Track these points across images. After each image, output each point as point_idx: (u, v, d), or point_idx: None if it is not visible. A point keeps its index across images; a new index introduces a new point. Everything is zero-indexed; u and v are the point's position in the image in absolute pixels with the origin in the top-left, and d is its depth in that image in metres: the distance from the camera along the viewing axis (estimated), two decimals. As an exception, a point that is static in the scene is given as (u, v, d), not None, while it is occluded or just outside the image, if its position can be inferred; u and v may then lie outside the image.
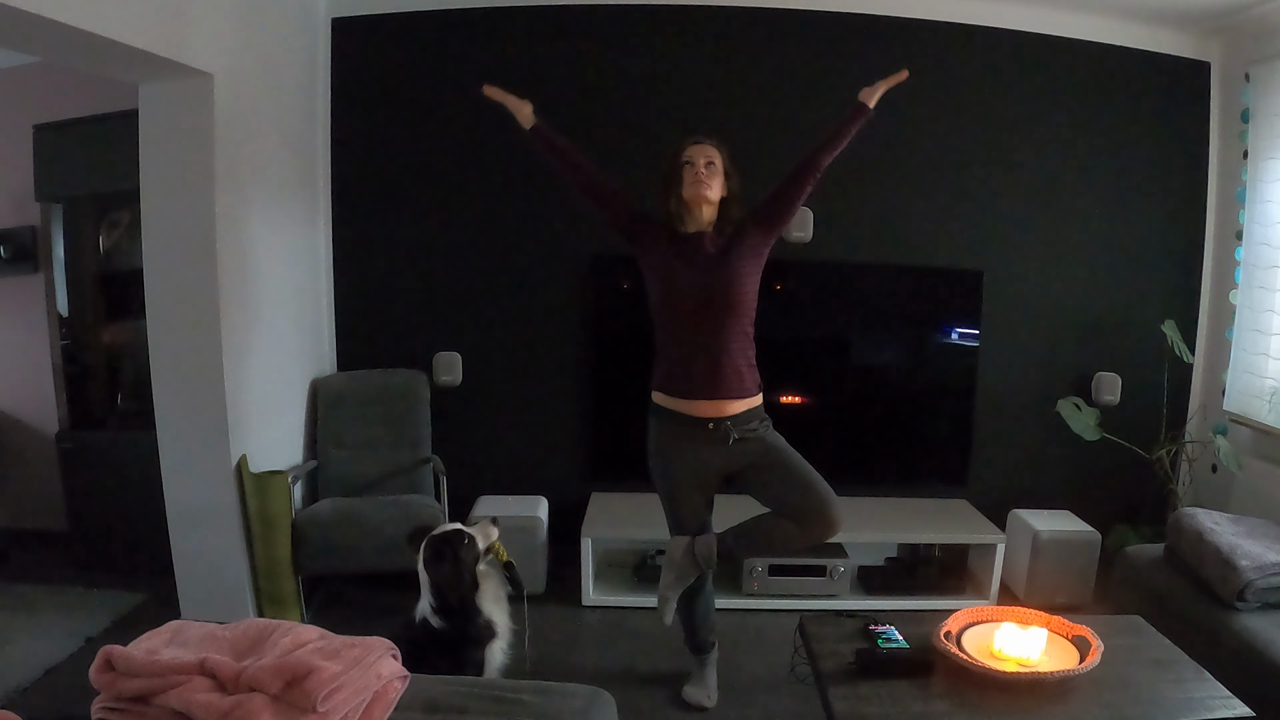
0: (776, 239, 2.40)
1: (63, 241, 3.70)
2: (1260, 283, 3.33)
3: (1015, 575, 3.42)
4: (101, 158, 3.42)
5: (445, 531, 2.30)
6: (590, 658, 2.94)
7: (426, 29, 3.53)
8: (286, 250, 3.33)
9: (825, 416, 3.64)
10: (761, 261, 2.37)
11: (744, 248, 2.32)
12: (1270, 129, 3.28)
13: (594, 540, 3.31)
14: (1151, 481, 3.56)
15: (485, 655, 2.27)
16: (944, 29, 3.50)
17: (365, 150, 3.61)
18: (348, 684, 1.61)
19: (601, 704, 1.81)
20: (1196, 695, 1.88)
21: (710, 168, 2.31)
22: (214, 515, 2.92)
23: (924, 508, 3.55)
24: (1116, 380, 3.62)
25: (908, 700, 1.86)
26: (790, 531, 2.31)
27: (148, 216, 2.82)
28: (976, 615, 2.15)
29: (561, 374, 3.68)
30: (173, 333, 2.85)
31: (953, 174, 3.58)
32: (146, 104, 2.76)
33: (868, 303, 3.70)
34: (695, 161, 2.31)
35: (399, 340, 3.68)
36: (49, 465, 3.74)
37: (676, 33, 3.50)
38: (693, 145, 2.35)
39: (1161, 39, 3.54)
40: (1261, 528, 2.68)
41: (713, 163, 2.32)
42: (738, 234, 2.35)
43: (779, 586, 3.30)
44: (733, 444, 2.34)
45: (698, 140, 2.37)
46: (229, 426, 2.87)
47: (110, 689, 1.60)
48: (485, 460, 3.70)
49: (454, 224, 3.63)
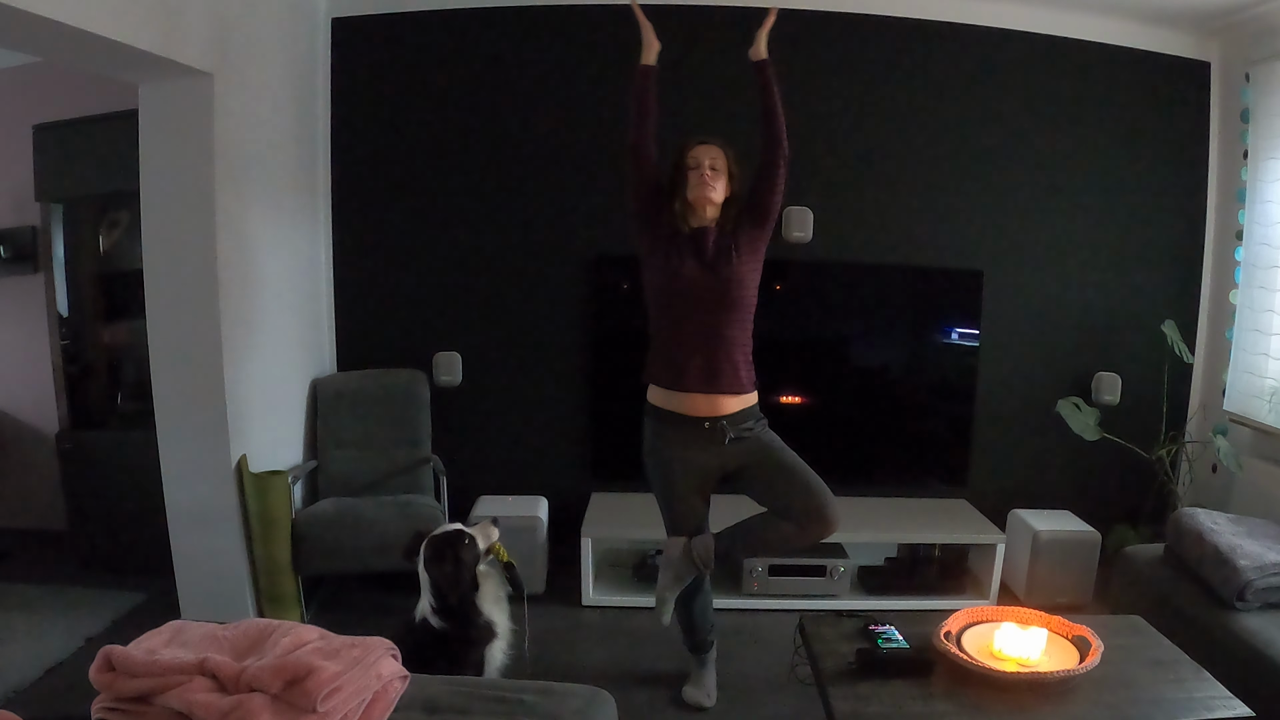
0: (772, 230, 2.39)
1: (63, 241, 3.70)
2: (1260, 283, 3.33)
3: (1015, 575, 3.42)
4: (101, 158, 3.42)
5: (446, 532, 2.30)
6: (590, 658, 2.94)
7: (426, 29, 3.53)
8: (286, 250, 3.33)
9: (825, 416, 3.64)
10: (760, 257, 2.37)
11: (741, 244, 2.32)
12: (1270, 129, 3.28)
13: (594, 540, 3.31)
14: (1151, 481, 3.56)
15: (485, 655, 2.28)
16: (944, 29, 3.50)
17: (365, 150, 3.61)
18: (348, 684, 1.61)
19: (601, 704, 1.81)
20: (1196, 695, 1.88)
21: (714, 170, 2.32)
22: (214, 515, 2.92)
23: (924, 508, 3.55)
24: (1116, 380, 3.62)
25: (908, 700, 1.86)
26: (788, 531, 2.30)
27: (148, 216, 2.82)
28: (976, 615, 2.15)
29: (562, 374, 3.68)
30: (173, 333, 2.85)
31: (953, 174, 3.58)
32: (146, 104, 2.76)
33: (868, 303, 3.70)
34: (700, 164, 2.31)
35: (399, 340, 3.68)
36: (49, 465, 3.75)
37: (676, 33, 3.48)
38: (698, 146, 2.34)
39: (1161, 39, 3.54)
40: (1261, 528, 2.68)
41: (716, 165, 2.32)
42: (735, 231, 2.35)
43: (779, 586, 3.30)
44: (729, 443, 2.34)
45: (702, 141, 2.36)
46: (229, 426, 2.87)
47: (110, 689, 1.60)
48: (485, 460, 3.70)
49: (454, 224, 3.63)
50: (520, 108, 3.55)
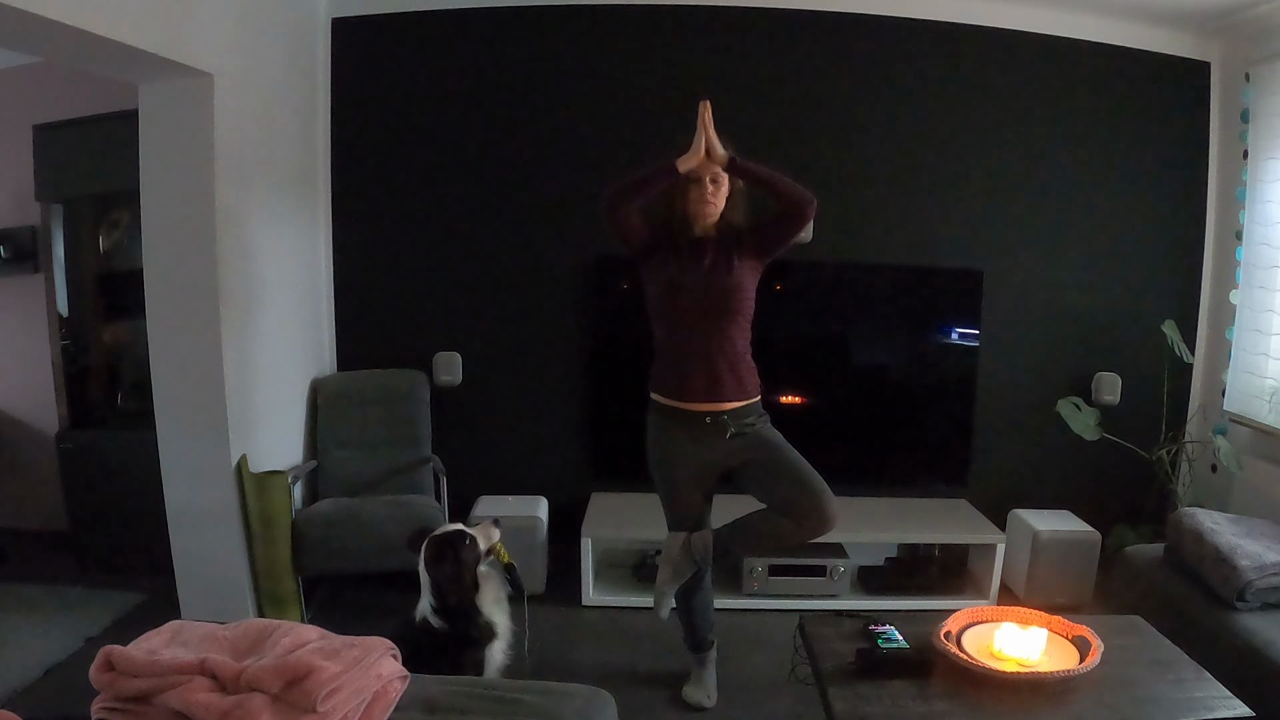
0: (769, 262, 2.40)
1: (63, 241, 3.69)
2: (1260, 283, 3.33)
3: (1015, 575, 3.42)
4: (101, 158, 3.42)
5: (447, 532, 2.30)
6: (590, 658, 2.94)
7: (426, 29, 3.53)
8: (286, 250, 3.33)
9: (825, 416, 3.64)
10: (759, 273, 2.39)
11: (742, 259, 2.33)
12: (1270, 129, 3.28)
13: (594, 540, 3.31)
14: (1151, 481, 3.56)
15: (485, 656, 2.27)
16: (944, 29, 3.50)
17: (365, 150, 3.61)
18: (348, 684, 1.61)
19: (601, 704, 1.81)
20: (1196, 695, 1.88)
21: (716, 184, 2.31)
22: (214, 515, 2.92)
23: (924, 508, 3.55)
24: (1116, 380, 3.62)
25: (908, 700, 1.86)
26: (786, 528, 2.31)
27: (148, 216, 2.82)
28: (976, 615, 2.15)
29: (562, 374, 3.68)
30: (173, 333, 2.85)
31: (953, 174, 3.58)
32: (146, 104, 2.76)
33: (868, 303, 3.70)
34: (702, 178, 2.29)
35: (399, 340, 3.67)
36: (49, 465, 3.74)
37: (677, 33, 3.50)
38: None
39: (1161, 39, 3.54)
40: (1261, 528, 2.68)
41: (719, 178, 2.31)
42: (737, 245, 2.34)
43: (779, 586, 3.30)
44: (730, 438, 2.34)
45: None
46: (229, 426, 2.87)
47: (110, 689, 1.60)
48: (485, 460, 3.70)
49: (454, 224, 3.63)
50: (520, 108, 3.55)
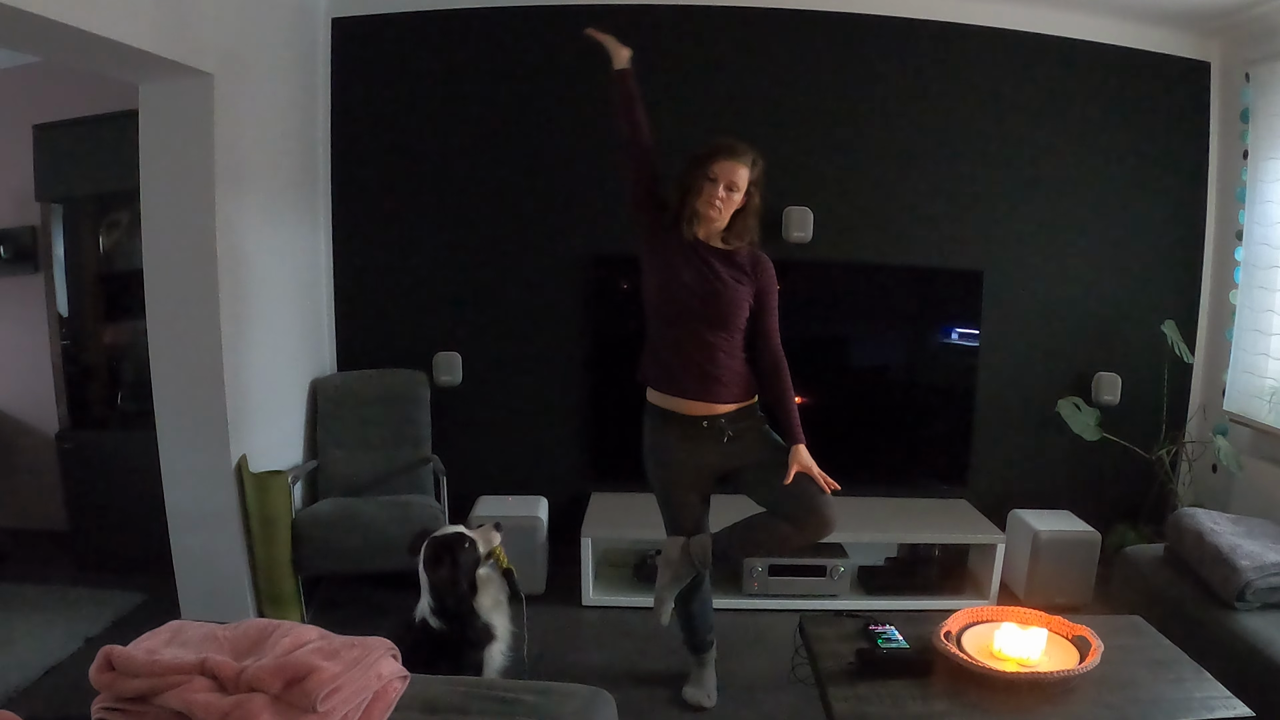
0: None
1: (63, 241, 3.70)
2: (1260, 283, 3.33)
3: (1015, 575, 3.42)
4: (101, 158, 3.42)
5: (446, 534, 2.30)
6: (590, 658, 2.94)
7: (426, 29, 3.53)
8: (286, 250, 3.33)
9: (825, 416, 3.62)
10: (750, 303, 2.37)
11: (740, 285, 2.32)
12: (1270, 129, 3.28)
13: (594, 540, 3.31)
14: (1151, 481, 3.56)
15: (484, 657, 2.27)
16: (944, 29, 3.50)
17: (365, 150, 3.61)
18: (348, 684, 1.61)
19: (601, 704, 1.81)
20: (1196, 695, 1.88)
21: (730, 191, 2.26)
22: (214, 515, 2.91)
23: (924, 508, 3.55)
24: (1116, 380, 3.62)
25: (908, 700, 1.86)
26: (785, 531, 2.30)
27: (148, 216, 2.82)
28: (976, 615, 2.15)
29: (561, 374, 3.68)
30: (173, 333, 2.85)
31: (953, 174, 3.58)
32: (146, 104, 2.76)
33: (868, 303, 3.70)
34: (718, 180, 2.25)
35: (399, 340, 3.67)
36: (49, 465, 3.74)
37: (677, 33, 3.50)
38: (724, 161, 2.25)
39: (1161, 39, 3.54)
40: (1261, 528, 2.69)
41: (736, 185, 2.26)
42: (739, 273, 2.32)
43: (779, 586, 3.30)
44: (727, 442, 2.34)
45: (731, 155, 2.26)
46: (229, 426, 2.87)
47: (110, 689, 1.60)
48: (485, 460, 3.70)
49: (454, 224, 3.63)
50: (520, 108, 3.55)
